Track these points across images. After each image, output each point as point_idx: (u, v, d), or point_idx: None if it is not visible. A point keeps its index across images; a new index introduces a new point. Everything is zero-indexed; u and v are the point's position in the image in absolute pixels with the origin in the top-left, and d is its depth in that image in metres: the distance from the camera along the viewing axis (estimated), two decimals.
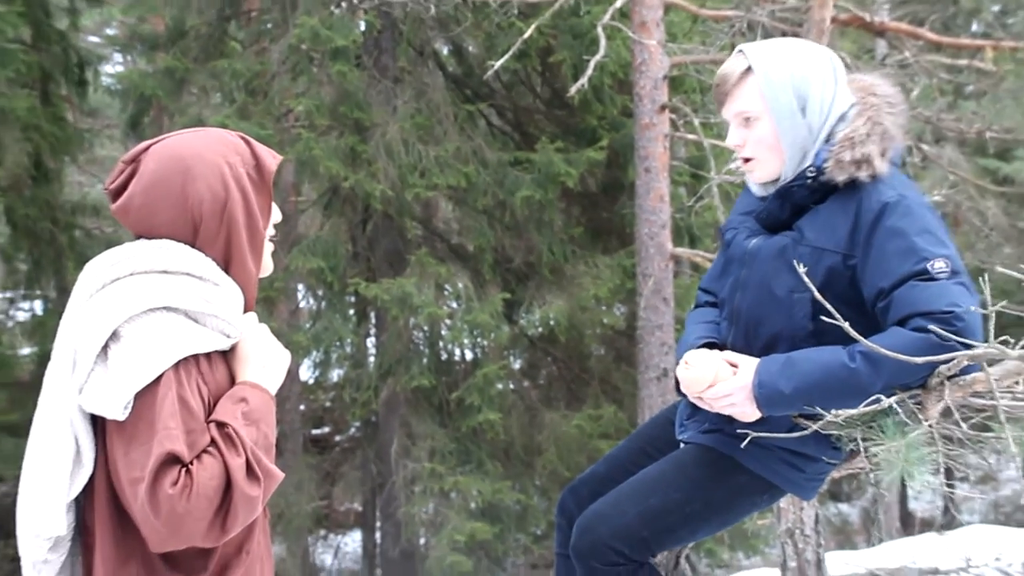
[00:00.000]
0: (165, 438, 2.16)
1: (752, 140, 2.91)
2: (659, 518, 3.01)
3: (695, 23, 13.12)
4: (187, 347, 2.26)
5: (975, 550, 7.78)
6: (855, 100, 2.94)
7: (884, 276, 2.76)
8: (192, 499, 2.14)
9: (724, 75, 2.94)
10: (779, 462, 2.94)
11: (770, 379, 2.76)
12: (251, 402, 2.32)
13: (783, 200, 2.94)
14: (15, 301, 20.43)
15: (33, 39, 17.27)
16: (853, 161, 2.82)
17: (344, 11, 15.13)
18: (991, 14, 14.46)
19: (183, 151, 2.39)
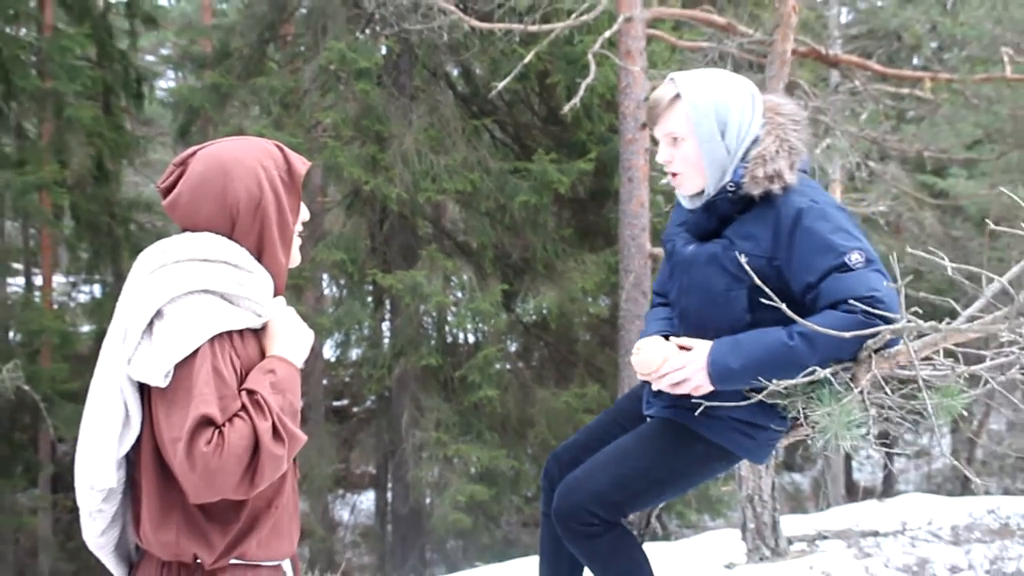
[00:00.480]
0: (200, 403, 2.18)
1: (679, 158, 2.96)
2: (628, 484, 3.01)
3: (673, 52, 13.08)
4: (221, 324, 2.27)
5: (910, 515, 7.76)
6: (764, 120, 2.98)
7: (809, 272, 2.79)
8: (223, 456, 2.15)
9: (656, 99, 3.00)
10: (733, 431, 2.97)
11: (721, 357, 2.81)
12: (278, 373, 2.33)
13: (709, 212, 2.98)
14: (77, 285, 20.44)
15: (98, 57, 17.25)
16: (766, 176, 2.86)
17: (368, 36, 15.12)
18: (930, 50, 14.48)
19: (224, 156, 2.41)
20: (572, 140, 14.94)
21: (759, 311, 2.79)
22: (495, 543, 15.06)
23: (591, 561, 3.10)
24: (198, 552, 2.30)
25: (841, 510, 9.51)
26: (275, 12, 15.85)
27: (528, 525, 16.05)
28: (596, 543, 3.05)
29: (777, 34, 7.79)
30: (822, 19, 15.00)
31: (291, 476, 2.48)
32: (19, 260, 19.17)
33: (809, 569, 6.17)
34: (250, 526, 2.36)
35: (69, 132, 16.27)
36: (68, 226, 17.55)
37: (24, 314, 16.81)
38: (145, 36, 20.93)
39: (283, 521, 2.45)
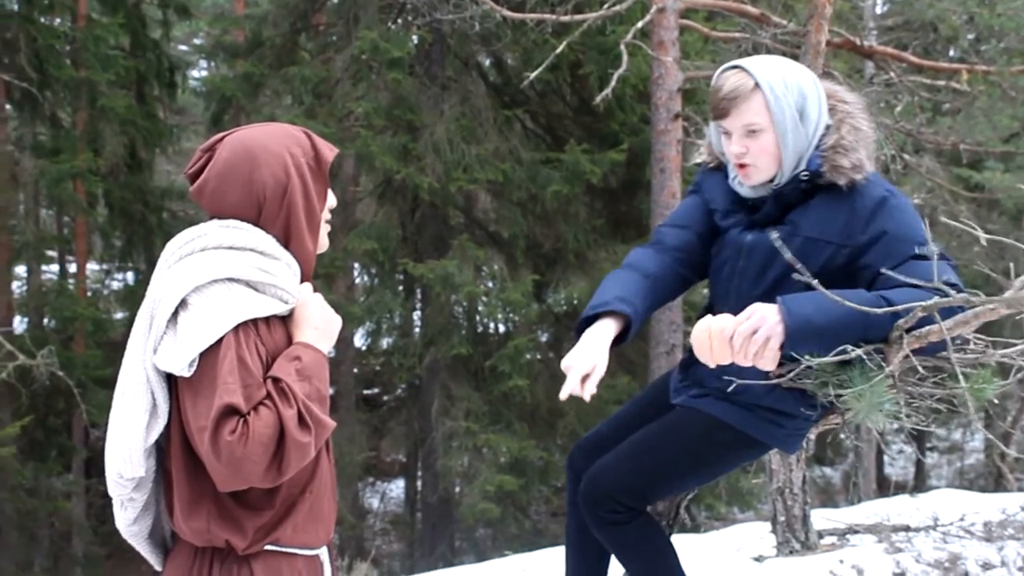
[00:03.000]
0: (224, 392, 2.18)
1: (755, 149, 2.85)
2: (654, 472, 3.01)
3: (706, 43, 13.03)
4: (245, 313, 2.27)
5: (942, 511, 7.70)
6: (829, 107, 2.93)
7: (886, 258, 2.74)
8: (248, 445, 2.16)
9: (731, 89, 2.86)
10: (761, 420, 2.95)
11: (799, 308, 2.67)
12: (304, 360, 2.32)
13: (776, 200, 2.92)
14: (111, 272, 20.60)
15: (131, 47, 17.35)
16: (852, 167, 2.81)
17: (400, 26, 15.14)
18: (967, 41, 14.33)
19: (251, 142, 2.40)
20: (604, 131, 14.93)
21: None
22: (523, 533, 15.09)
23: (617, 549, 3.10)
24: (230, 539, 2.31)
25: (872, 504, 9.45)
26: (307, 2, 15.90)
27: (557, 515, 16.09)
28: (622, 531, 3.05)
29: (811, 25, 7.74)
30: (857, 10, 14.88)
31: (325, 461, 2.49)
32: (54, 248, 19.35)
33: (839, 563, 6.15)
34: (285, 512, 2.37)
35: (103, 121, 16.37)
36: (102, 214, 17.66)
37: (58, 301, 16.96)
38: (178, 26, 21.04)
39: (320, 506, 2.46)
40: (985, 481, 17.27)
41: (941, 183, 12.63)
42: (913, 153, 11.75)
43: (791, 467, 6.75)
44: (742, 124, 2.87)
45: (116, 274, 20.50)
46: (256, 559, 2.35)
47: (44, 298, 17.83)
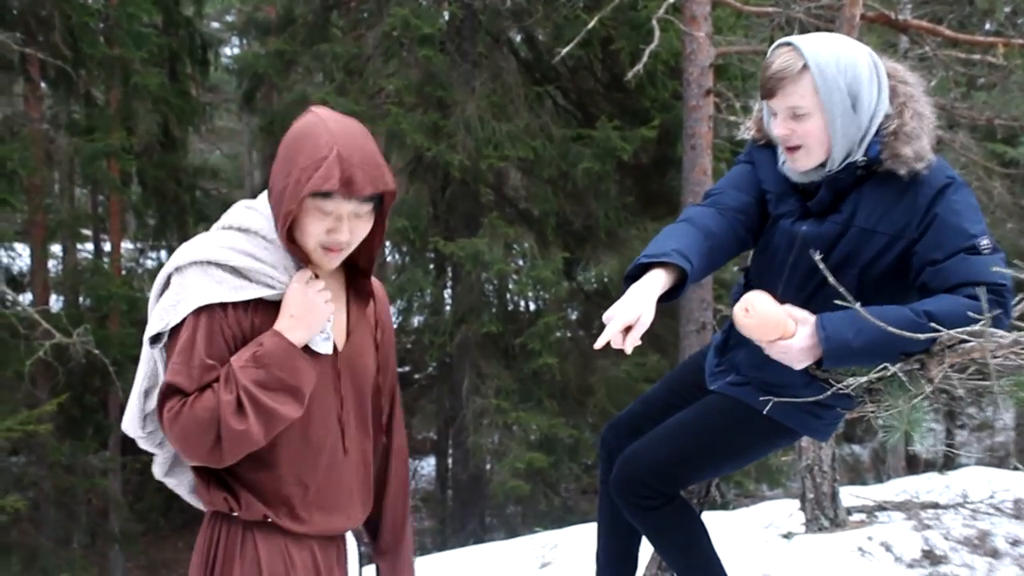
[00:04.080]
0: (171, 371, 2.27)
1: (801, 132, 2.72)
2: (688, 458, 2.99)
3: (739, 18, 12.95)
4: (207, 297, 2.29)
5: (971, 488, 7.68)
6: (889, 89, 2.78)
7: (937, 249, 2.65)
8: (182, 424, 2.23)
9: (779, 69, 2.72)
10: (800, 412, 2.90)
11: (838, 334, 2.60)
12: (265, 346, 2.29)
13: (830, 187, 2.80)
14: (144, 251, 20.74)
15: (164, 24, 17.43)
16: (914, 156, 2.69)
17: (431, 2, 15.14)
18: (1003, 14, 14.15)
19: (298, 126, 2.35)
20: (635, 107, 14.88)
21: (867, 293, 2.64)
22: (553, 510, 15.14)
23: (649, 532, 3.11)
24: (226, 506, 2.38)
25: (901, 482, 9.43)
26: None
27: (587, 492, 16.12)
28: (655, 515, 3.05)
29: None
30: None
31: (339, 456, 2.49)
32: (88, 226, 19.50)
33: (868, 540, 6.16)
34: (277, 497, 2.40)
35: (136, 99, 16.47)
36: (135, 192, 17.79)
37: (93, 280, 17.12)
38: (210, 3, 21.08)
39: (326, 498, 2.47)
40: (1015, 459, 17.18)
41: (975, 159, 12.52)
42: (947, 129, 11.65)
43: (820, 446, 6.76)
44: (787, 106, 2.75)
45: (150, 253, 20.63)
46: (260, 531, 2.39)
47: (79, 277, 18.00)
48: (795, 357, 2.67)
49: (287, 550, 2.41)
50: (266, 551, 2.39)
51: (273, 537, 2.40)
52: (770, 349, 2.69)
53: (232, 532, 2.40)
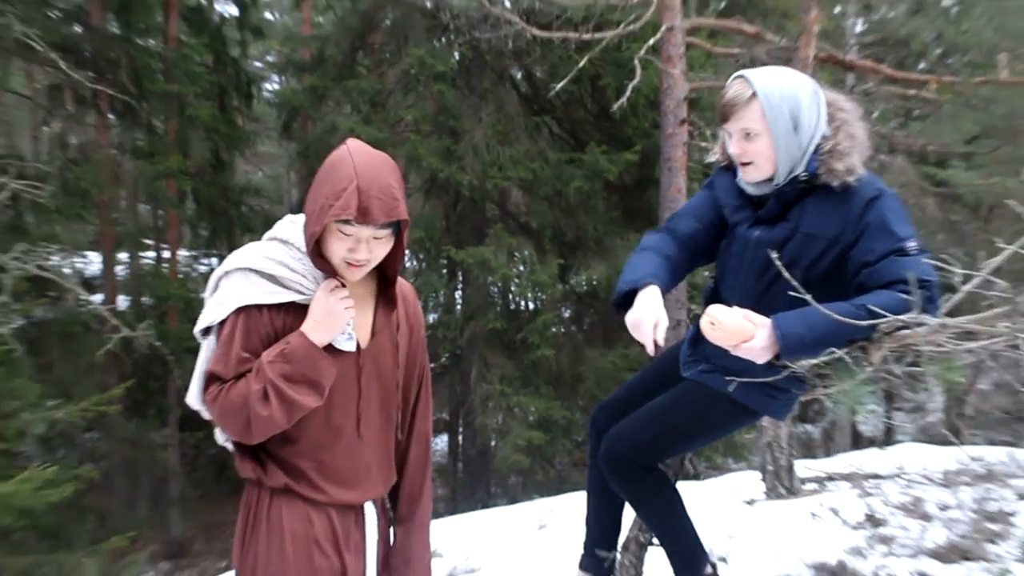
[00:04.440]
0: (214, 361, 2.35)
1: (752, 151, 2.78)
2: (666, 436, 3.01)
3: (709, 58, 12.96)
4: (245, 299, 2.34)
5: (907, 461, 7.70)
6: (829, 115, 2.83)
7: (870, 252, 2.68)
8: (220, 406, 2.30)
9: (732, 97, 2.80)
10: (760, 394, 2.91)
11: (792, 329, 2.61)
12: (291, 344, 2.33)
13: (778, 199, 2.84)
14: (198, 257, 20.78)
15: (214, 64, 17.46)
16: (845, 170, 2.73)
17: (443, 44, 15.14)
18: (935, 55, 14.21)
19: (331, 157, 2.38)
20: (620, 134, 14.89)
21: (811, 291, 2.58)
22: (549, 480, 15.14)
23: (632, 499, 3.12)
24: (256, 474, 2.42)
25: (847, 456, 9.44)
26: (364, 24, 15.93)
27: (578, 465, 16.10)
28: (637, 485, 3.06)
29: (801, 41, 7.73)
30: (840, 28, 14.76)
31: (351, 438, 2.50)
32: (150, 237, 19.53)
33: (819, 506, 6.17)
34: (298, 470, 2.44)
35: (190, 128, 16.52)
36: (190, 208, 17.83)
37: (154, 282, 17.19)
38: (254, 45, 21.13)
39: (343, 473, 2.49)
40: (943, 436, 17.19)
41: (911, 179, 12.54)
42: (888, 153, 11.65)
43: (778, 425, 6.77)
44: (740, 128, 2.80)
45: (202, 259, 20.68)
46: (283, 497, 2.43)
47: (142, 280, 18.06)
48: (757, 355, 2.68)
49: (307, 514, 2.44)
50: (288, 513, 2.42)
51: (295, 503, 2.43)
52: (736, 351, 2.71)
53: (262, 497, 2.44)
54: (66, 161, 15.74)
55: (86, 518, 12.93)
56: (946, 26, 12.36)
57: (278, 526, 2.41)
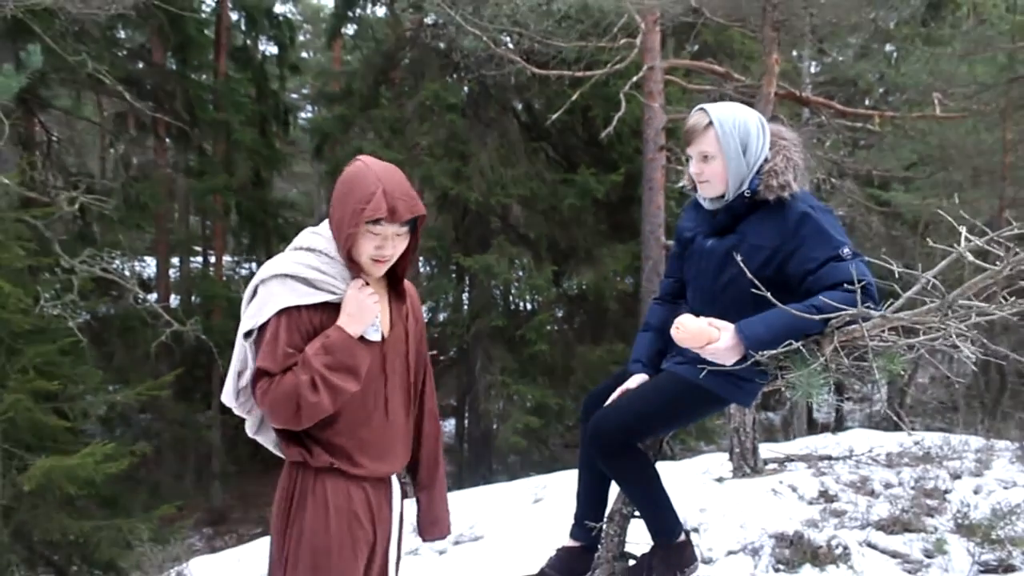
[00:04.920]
0: (261, 358, 2.28)
1: (708, 171, 2.84)
2: (646, 418, 2.97)
3: (684, 93, 12.95)
4: (286, 302, 2.30)
5: (856, 445, 7.66)
6: (772, 142, 2.87)
7: (810, 260, 2.68)
8: (272, 398, 2.25)
9: (692, 125, 2.86)
10: (727, 383, 2.89)
11: (753, 332, 2.65)
12: (331, 338, 2.31)
13: (727, 212, 2.87)
14: (240, 262, 20.79)
15: (256, 95, 17.47)
16: (779, 186, 2.76)
17: (455, 80, 15.13)
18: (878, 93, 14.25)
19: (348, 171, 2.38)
20: (607, 158, 14.88)
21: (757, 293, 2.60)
22: (544, 459, 15.12)
23: (615, 473, 3.08)
24: (301, 456, 2.38)
25: (804, 440, 9.41)
26: (386, 62, 15.94)
27: (569, 446, 16.06)
28: (619, 461, 3.03)
29: (764, 80, 7.70)
30: (797, 69, 14.77)
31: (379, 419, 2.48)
32: (199, 244, 19.53)
33: (779, 483, 6.13)
34: (339, 449, 2.40)
35: (235, 151, 16.52)
36: (234, 220, 17.84)
37: (202, 284, 17.20)
38: (291, 80, 21.13)
39: (375, 449, 2.46)
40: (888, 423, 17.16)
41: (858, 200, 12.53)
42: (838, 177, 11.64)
43: (744, 412, 6.73)
44: (699, 151, 2.86)
45: (244, 264, 20.70)
46: (327, 475, 2.40)
47: (192, 282, 18.07)
48: (723, 356, 2.71)
49: (348, 489, 2.41)
50: (332, 489, 2.39)
51: (336, 480, 2.40)
52: (703, 353, 2.73)
53: (306, 476, 2.40)
54: (128, 178, 15.72)
55: (140, 488, 12.91)
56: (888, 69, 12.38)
57: (323, 501, 2.38)
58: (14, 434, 9.86)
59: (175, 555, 7.03)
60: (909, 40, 11.93)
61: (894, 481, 6.22)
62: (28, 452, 9.76)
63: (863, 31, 11.46)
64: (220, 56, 16.87)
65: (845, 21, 9.78)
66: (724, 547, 4.98)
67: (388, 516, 2.53)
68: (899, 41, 12.51)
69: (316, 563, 2.37)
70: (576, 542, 3.29)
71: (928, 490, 5.89)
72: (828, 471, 6.57)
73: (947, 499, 5.70)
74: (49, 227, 10.20)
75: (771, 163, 2.83)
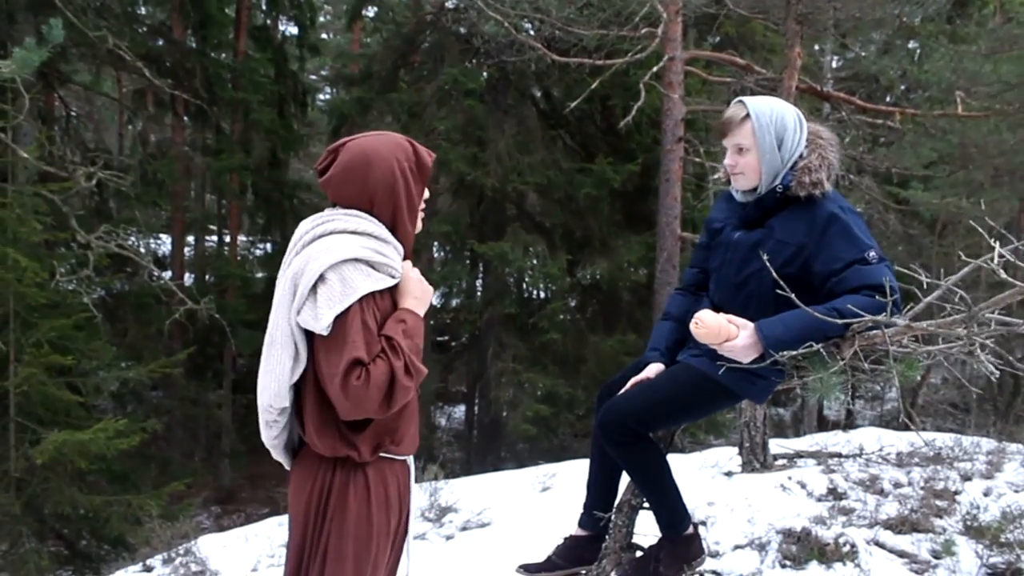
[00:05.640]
0: (353, 348, 2.19)
1: (742, 163, 2.85)
2: (658, 408, 2.98)
3: (704, 85, 12.89)
4: (367, 287, 2.26)
5: (866, 443, 7.65)
6: (808, 140, 2.88)
7: (836, 261, 2.69)
8: (369, 388, 2.18)
9: (730, 117, 2.88)
10: (742, 379, 2.89)
11: (773, 332, 2.65)
12: (408, 322, 2.32)
13: (758, 206, 2.88)
14: (255, 243, 20.83)
15: (275, 76, 17.45)
16: (811, 183, 2.77)
17: (474, 65, 15.10)
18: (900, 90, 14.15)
19: (368, 149, 2.37)
20: (625, 148, 14.85)
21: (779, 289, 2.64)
22: (553, 448, 15.15)
23: (626, 462, 3.09)
24: (349, 453, 2.34)
25: (814, 437, 9.39)
26: (406, 45, 15.91)
27: (578, 436, 16.09)
28: (630, 449, 3.04)
29: (785, 73, 7.67)
30: (818, 63, 14.68)
31: (414, 399, 2.49)
32: (214, 223, 19.59)
33: (788, 479, 6.14)
34: (386, 431, 2.39)
35: (253, 130, 16.54)
36: (250, 199, 17.88)
37: (216, 263, 17.24)
38: (310, 61, 21.13)
39: (411, 425, 2.48)
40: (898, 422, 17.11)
41: (876, 197, 12.46)
42: (856, 174, 11.57)
43: (755, 407, 6.73)
44: (734, 143, 2.88)
45: (259, 244, 20.74)
46: (368, 465, 2.39)
47: (206, 260, 18.12)
48: (740, 353, 2.72)
49: (385, 476, 2.42)
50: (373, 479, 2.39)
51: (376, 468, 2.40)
52: (720, 349, 2.73)
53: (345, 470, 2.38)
54: (146, 156, 15.80)
55: (150, 465, 13.01)
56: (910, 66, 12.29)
57: (364, 492, 2.37)
58: (27, 407, 9.97)
59: (184, 532, 7.09)
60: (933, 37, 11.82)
61: (904, 481, 6.21)
62: (41, 426, 9.87)
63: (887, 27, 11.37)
64: (240, 35, 16.88)
65: (869, 16, 9.69)
66: (731, 541, 4.99)
67: (409, 496, 2.55)
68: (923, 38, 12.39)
69: (358, 551, 2.37)
70: (584, 531, 3.31)
71: (938, 491, 5.89)
72: (838, 468, 6.56)
73: (957, 500, 5.70)
74: (66, 202, 10.24)
75: (806, 160, 2.84)
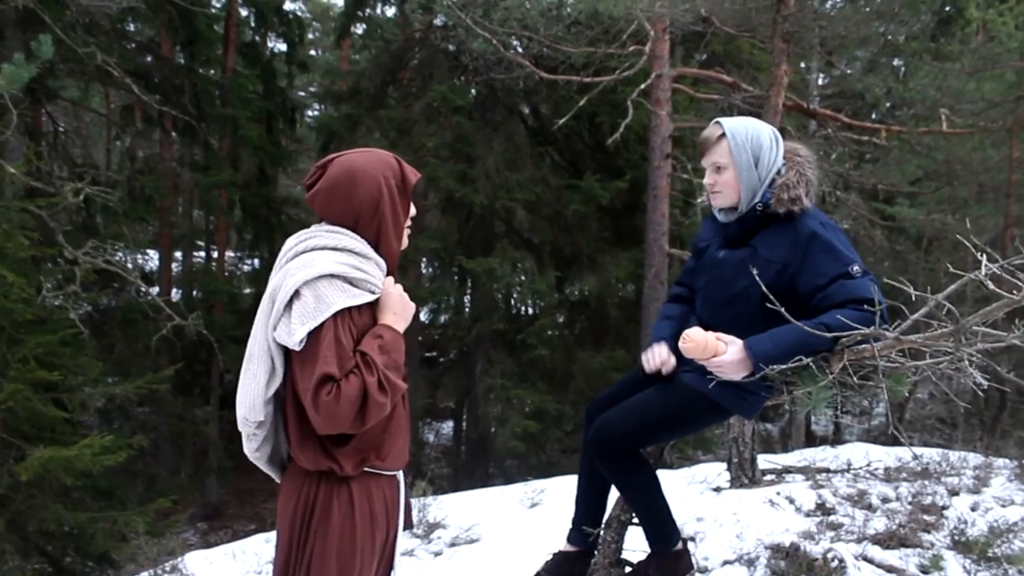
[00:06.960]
0: (324, 364, 2.17)
1: (720, 181, 2.88)
2: (648, 424, 2.99)
3: (692, 102, 12.97)
4: (341, 303, 2.24)
5: (854, 458, 7.66)
6: (785, 158, 2.91)
7: (820, 277, 2.70)
8: (340, 404, 2.16)
9: (706, 136, 2.92)
10: (731, 394, 2.89)
11: (761, 348, 2.67)
12: (385, 338, 2.30)
13: (740, 224, 2.90)
14: (243, 258, 20.80)
15: (264, 92, 17.45)
16: (790, 200, 2.79)
17: (463, 82, 15.15)
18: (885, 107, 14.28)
19: (354, 166, 2.36)
20: (613, 165, 14.90)
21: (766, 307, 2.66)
22: (541, 464, 15.10)
23: (616, 478, 3.09)
24: (331, 466, 2.33)
25: (802, 452, 9.41)
26: (395, 62, 15.96)
27: (567, 452, 16.05)
28: (621, 465, 3.04)
29: (772, 91, 7.70)
30: (804, 81, 14.80)
31: (401, 409, 2.47)
32: (202, 239, 19.55)
33: (776, 495, 6.13)
34: (371, 447, 2.37)
35: (241, 146, 16.52)
36: (237, 215, 17.84)
37: (204, 279, 17.18)
38: (299, 77, 21.14)
39: (397, 441, 2.45)
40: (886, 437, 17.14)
41: (862, 214, 12.53)
42: (843, 190, 11.64)
43: (743, 423, 6.74)
44: (711, 162, 2.92)
45: (246, 260, 20.72)
46: (353, 480, 2.37)
47: (194, 276, 18.05)
48: (729, 370, 2.73)
49: (370, 491, 2.40)
50: (357, 493, 2.37)
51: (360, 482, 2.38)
52: (708, 365, 2.75)
53: (330, 484, 2.36)
54: (133, 171, 15.75)
55: (136, 481, 12.90)
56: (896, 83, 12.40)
57: (348, 506, 2.36)
58: (13, 423, 9.87)
59: (170, 548, 7.03)
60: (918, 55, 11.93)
61: (892, 496, 6.22)
62: (26, 442, 9.77)
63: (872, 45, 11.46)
64: (229, 52, 16.89)
65: (855, 34, 9.78)
66: (720, 556, 4.98)
67: (397, 511, 2.53)
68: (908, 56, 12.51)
69: (342, 566, 2.35)
70: (573, 547, 3.30)
71: (926, 506, 5.89)
72: (826, 484, 6.57)
73: (944, 515, 5.70)
74: (53, 217, 10.20)
75: (784, 177, 2.86)
